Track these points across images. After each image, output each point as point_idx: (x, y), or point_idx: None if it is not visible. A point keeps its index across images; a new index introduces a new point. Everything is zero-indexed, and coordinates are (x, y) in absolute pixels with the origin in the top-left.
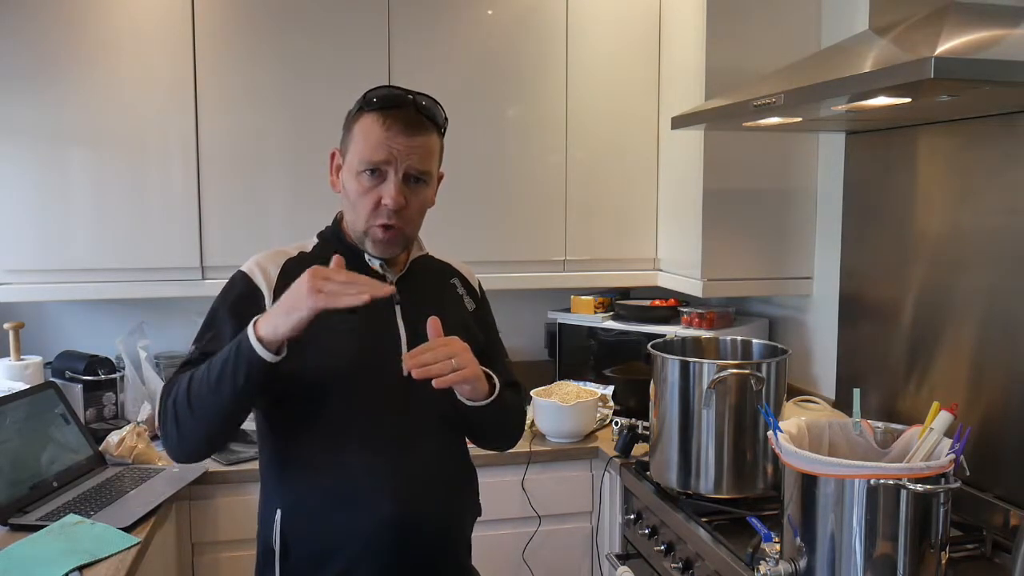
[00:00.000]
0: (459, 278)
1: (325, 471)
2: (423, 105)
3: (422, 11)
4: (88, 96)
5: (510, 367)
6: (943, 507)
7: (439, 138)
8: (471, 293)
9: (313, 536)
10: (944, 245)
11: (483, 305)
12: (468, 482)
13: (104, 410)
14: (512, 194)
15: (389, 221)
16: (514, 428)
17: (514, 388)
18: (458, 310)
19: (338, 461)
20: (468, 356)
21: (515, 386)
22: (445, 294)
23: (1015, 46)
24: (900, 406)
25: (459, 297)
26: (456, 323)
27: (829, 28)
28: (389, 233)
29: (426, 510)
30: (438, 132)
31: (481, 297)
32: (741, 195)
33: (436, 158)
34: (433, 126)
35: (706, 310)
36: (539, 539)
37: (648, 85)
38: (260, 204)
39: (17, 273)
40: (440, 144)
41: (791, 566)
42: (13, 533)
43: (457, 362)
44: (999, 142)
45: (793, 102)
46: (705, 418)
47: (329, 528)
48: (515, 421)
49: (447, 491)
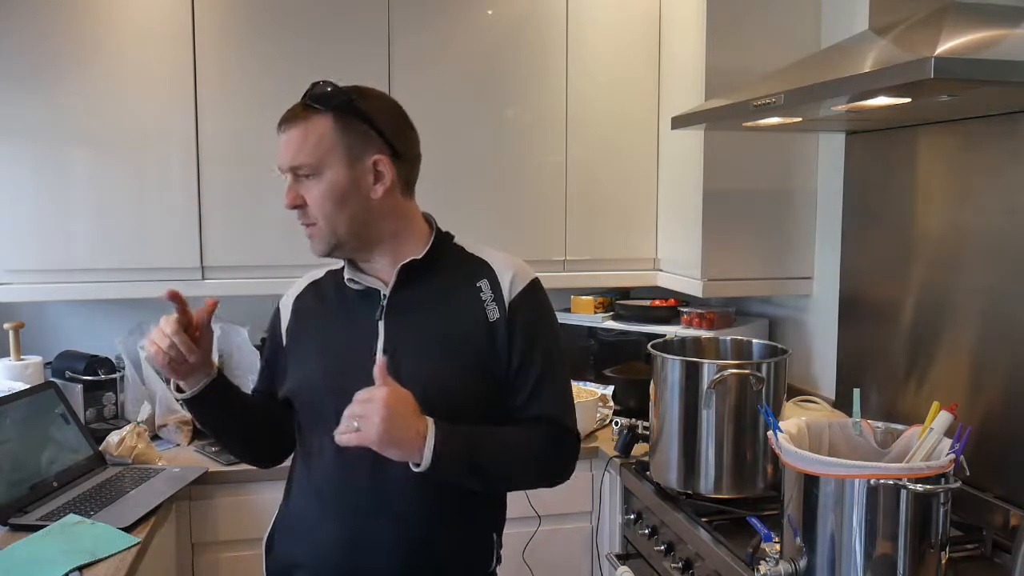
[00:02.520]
0: (490, 281)
1: (302, 484)
2: (309, 92)
3: (422, 11)
4: (88, 96)
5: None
6: (943, 507)
7: (331, 119)
8: (500, 300)
9: (285, 545)
10: (944, 245)
11: (520, 315)
12: (464, 516)
13: (104, 410)
14: (512, 194)
15: (299, 221)
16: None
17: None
18: (467, 321)
19: (311, 476)
20: (377, 418)
21: (550, 422)
22: (457, 300)
23: (1015, 46)
24: (900, 406)
25: (479, 304)
26: (456, 338)
27: (829, 28)
28: (308, 232)
29: (381, 540)
30: (329, 113)
31: (518, 305)
32: (741, 195)
33: (318, 141)
34: (316, 110)
35: (706, 310)
36: (539, 539)
37: (648, 85)
38: (260, 204)
39: (17, 273)
40: (334, 124)
41: (791, 566)
42: (13, 533)
43: (360, 424)
44: (999, 142)
45: (793, 102)
46: (705, 418)
47: (292, 541)
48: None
49: (421, 521)
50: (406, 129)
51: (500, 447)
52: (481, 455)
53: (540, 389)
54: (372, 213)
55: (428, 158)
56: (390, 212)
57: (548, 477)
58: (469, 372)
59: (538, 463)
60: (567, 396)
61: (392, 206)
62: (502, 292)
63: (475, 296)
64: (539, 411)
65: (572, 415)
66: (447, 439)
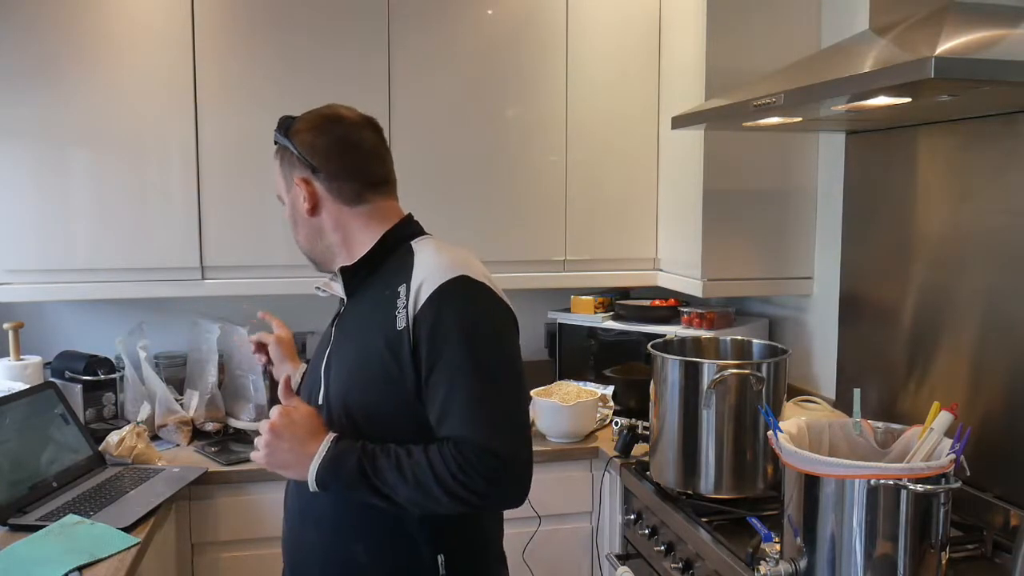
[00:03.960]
0: (406, 285)
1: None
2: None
3: (422, 11)
4: (88, 96)
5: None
6: (943, 507)
7: (280, 151)
8: (407, 308)
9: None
10: (944, 245)
11: (422, 327)
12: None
13: (104, 410)
14: (512, 194)
15: None
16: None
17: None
18: (378, 331)
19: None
20: (261, 442)
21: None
22: (379, 308)
23: (1015, 46)
24: (900, 406)
25: (392, 312)
26: (368, 348)
27: (829, 28)
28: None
29: (308, 545)
30: (280, 147)
31: (421, 316)
32: (741, 195)
33: (276, 170)
34: (276, 146)
35: (706, 310)
36: (539, 539)
37: (648, 85)
38: (260, 204)
39: (17, 273)
40: (278, 155)
41: (791, 566)
42: (13, 533)
43: (256, 444)
44: (999, 142)
45: (793, 102)
46: (705, 418)
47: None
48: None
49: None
50: (328, 143)
51: (398, 467)
52: (373, 475)
53: (449, 407)
54: (316, 228)
55: (428, 158)
56: (332, 225)
57: (463, 502)
58: (378, 386)
59: (443, 487)
60: (490, 414)
61: (333, 219)
62: (410, 298)
63: (393, 303)
64: (448, 431)
65: (497, 435)
66: (335, 460)
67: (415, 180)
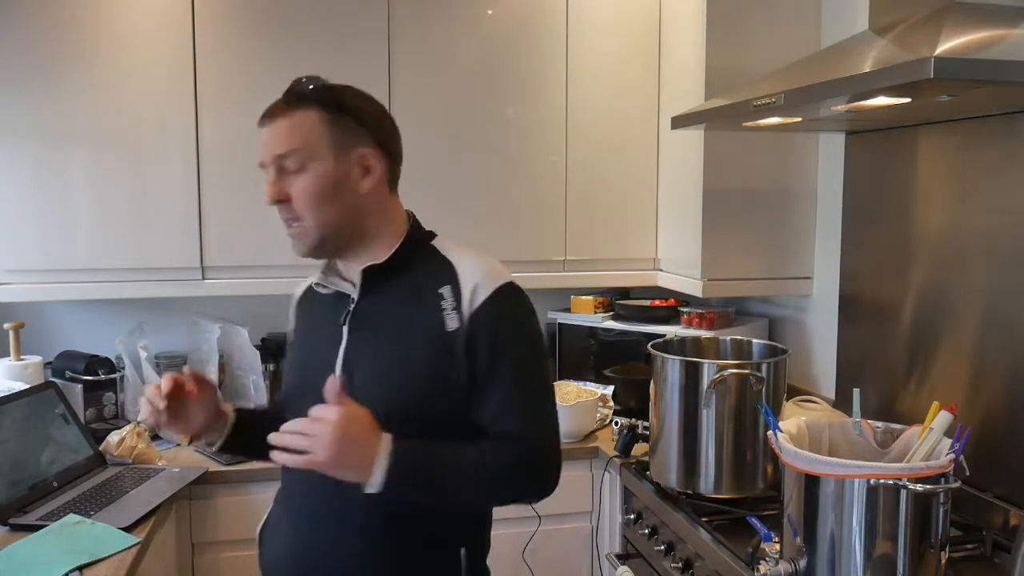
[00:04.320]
0: (452, 287)
1: (281, 483)
2: (293, 87)
3: (422, 11)
4: (88, 96)
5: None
6: (943, 507)
7: (317, 112)
8: (460, 309)
9: (261, 554)
10: (944, 245)
11: (482, 326)
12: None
13: (104, 410)
14: (512, 194)
15: (281, 217)
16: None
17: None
18: (418, 330)
19: (284, 477)
20: (328, 441)
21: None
22: (418, 308)
23: (1015, 46)
24: (900, 406)
25: (439, 313)
26: (407, 347)
27: (829, 28)
28: (291, 230)
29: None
30: (314, 106)
31: (480, 316)
32: (741, 195)
33: (308, 132)
34: (302, 101)
35: (706, 310)
36: (539, 539)
37: (648, 85)
38: (260, 204)
39: (17, 273)
40: (321, 117)
41: (791, 566)
42: (13, 533)
43: (311, 446)
44: (999, 142)
45: (793, 102)
46: (705, 418)
47: (263, 552)
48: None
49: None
50: (391, 126)
51: (460, 465)
52: (439, 475)
53: (507, 405)
54: (358, 208)
55: (428, 158)
56: (375, 208)
57: (519, 496)
58: (424, 386)
59: (505, 482)
60: (542, 410)
61: (378, 202)
62: (462, 300)
63: (436, 303)
64: (507, 427)
65: (547, 430)
66: (401, 460)
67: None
